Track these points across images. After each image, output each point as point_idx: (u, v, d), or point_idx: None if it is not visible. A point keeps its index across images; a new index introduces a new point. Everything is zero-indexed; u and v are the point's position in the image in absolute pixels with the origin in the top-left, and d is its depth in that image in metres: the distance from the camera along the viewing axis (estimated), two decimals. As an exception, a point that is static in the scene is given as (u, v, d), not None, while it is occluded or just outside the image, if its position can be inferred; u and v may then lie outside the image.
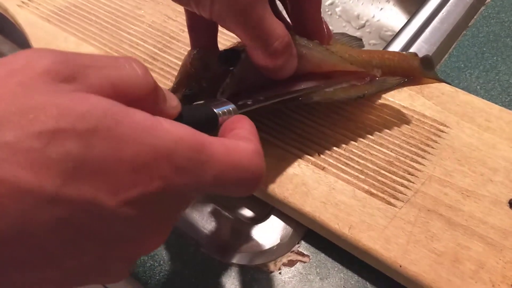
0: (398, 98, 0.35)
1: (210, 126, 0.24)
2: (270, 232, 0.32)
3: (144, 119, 0.16)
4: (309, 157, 0.32)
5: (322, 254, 0.31)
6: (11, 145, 0.14)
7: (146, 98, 0.18)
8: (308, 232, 0.31)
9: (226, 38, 0.39)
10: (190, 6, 0.27)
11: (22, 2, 0.45)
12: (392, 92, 0.35)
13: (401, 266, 0.27)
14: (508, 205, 0.29)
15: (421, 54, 0.36)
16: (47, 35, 0.42)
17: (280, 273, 0.30)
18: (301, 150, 0.32)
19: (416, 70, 0.36)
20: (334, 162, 0.31)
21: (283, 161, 0.32)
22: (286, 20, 0.32)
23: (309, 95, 0.31)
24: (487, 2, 0.44)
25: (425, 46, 0.41)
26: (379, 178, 0.31)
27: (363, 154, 0.32)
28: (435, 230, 0.28)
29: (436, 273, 0.27)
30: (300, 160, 0.32)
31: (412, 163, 0.31)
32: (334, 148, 0.32)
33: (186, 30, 0.32)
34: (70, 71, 0.16)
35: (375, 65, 0.34)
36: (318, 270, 0.30)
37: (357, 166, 0.31)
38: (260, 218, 0.33)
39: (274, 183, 0.31)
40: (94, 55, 0.18)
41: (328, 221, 0.29)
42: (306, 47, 0.30)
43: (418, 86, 0.35)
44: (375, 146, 0.32)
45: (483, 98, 0.34)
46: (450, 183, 0.30)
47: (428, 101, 0.34)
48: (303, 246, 0.31)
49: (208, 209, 0.34)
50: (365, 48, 0.36)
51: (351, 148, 0.32)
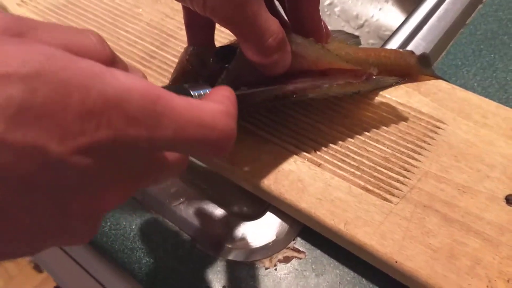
0: (394, 95, 0.35)
1: None
2: (266, 228, 0.32)
3: (92, 66, 0.16)
4: (305, 153, 0.32)
5: (318, 251, 0.31)
6: None
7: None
8: (304, 228, 0.31)
9: (223, 36, 0.39)
10: (185, 2, 0.27)
11: (22, 0, 0.45)
12: (388, 89, 0.35)
13: (396, 262, 0.27)
14: (504, 201, 0.29)
15: (418, 52, 0.36)
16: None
17: (275, 269, 0.30)
18: (297, 146, 0.32)
19: (413, 68, 0.35)
20: (330, 159, 0.31)
21: (279, 157, 0.32)
22: (283, 18, 0.32)
23: (304, 92, 0.31)
24: (485, 0, 0.44)
25: (422, 44, 0.41)
26: (375, 174, 0.31)
27: (359, 151, 0.32)
28: (431, 226, 0.28)
29: (432, 269, 0.26)
30: (296, 156, 0.32)
31: (408, 159, 0.31)
32: (330, 144, 0.32)
33: (184, 28, 0.32)
34: (20, 29, 0.16)
35: (372, 63, 0.34)
36: (313, 266, 0.30)
37: (353, 163, 0.31)
38: (256, 214, 0.33)
39: (270, 180, 0.31)
40: (50, 22, 0.18)
41: (323, 217, 0.29)
42: (302, 45, 0.30)
43: (415, 83, 0.35)
44: (371, 142, 0.32)
45: (480, 96, 0.34)
46: (446, 179, 0.30)
47: (425, 98, 0.34)
48: (299, 243, 0.31)
49: (204, 205, 0.34)
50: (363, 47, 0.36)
51: (347, 144, 0.32)
